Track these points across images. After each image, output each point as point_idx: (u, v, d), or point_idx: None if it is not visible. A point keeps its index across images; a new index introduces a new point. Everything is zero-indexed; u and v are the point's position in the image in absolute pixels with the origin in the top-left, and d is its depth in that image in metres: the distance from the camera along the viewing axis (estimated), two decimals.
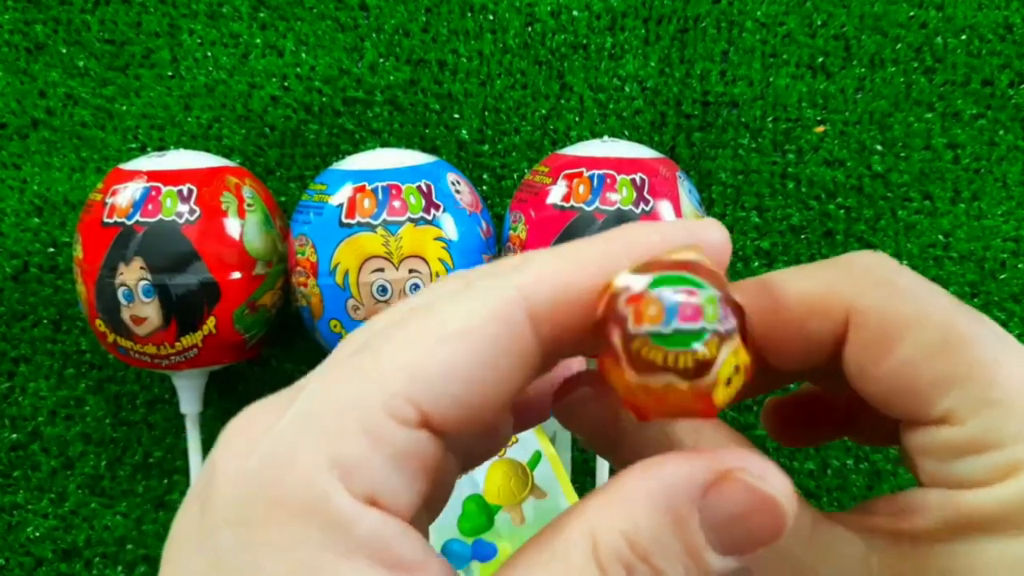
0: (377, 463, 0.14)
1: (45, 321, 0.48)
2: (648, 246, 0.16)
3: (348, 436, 0.14)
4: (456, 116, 0.48)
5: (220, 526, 0.14)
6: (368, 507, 0.14)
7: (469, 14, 0.49)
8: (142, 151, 0.49)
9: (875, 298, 0.17)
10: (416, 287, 0.38)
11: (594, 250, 0.16)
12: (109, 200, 0.39)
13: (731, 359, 0.14)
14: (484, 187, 0.48)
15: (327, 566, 0.14)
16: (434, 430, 0.15)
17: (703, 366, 0.14)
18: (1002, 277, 0.46)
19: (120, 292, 0.39)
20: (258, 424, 0.15)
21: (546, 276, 0.16)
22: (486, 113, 0.48)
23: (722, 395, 0.14)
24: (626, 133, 0.48)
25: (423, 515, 0.17)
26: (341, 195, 0.39)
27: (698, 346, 0.14)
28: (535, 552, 0.15)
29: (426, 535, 0.17)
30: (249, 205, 0.41)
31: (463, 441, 0.17)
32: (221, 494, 0.15)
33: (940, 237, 0.46)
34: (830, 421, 0.22)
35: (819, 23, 0.48)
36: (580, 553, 0.14)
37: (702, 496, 0.15)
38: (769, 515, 0.15)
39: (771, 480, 0.15)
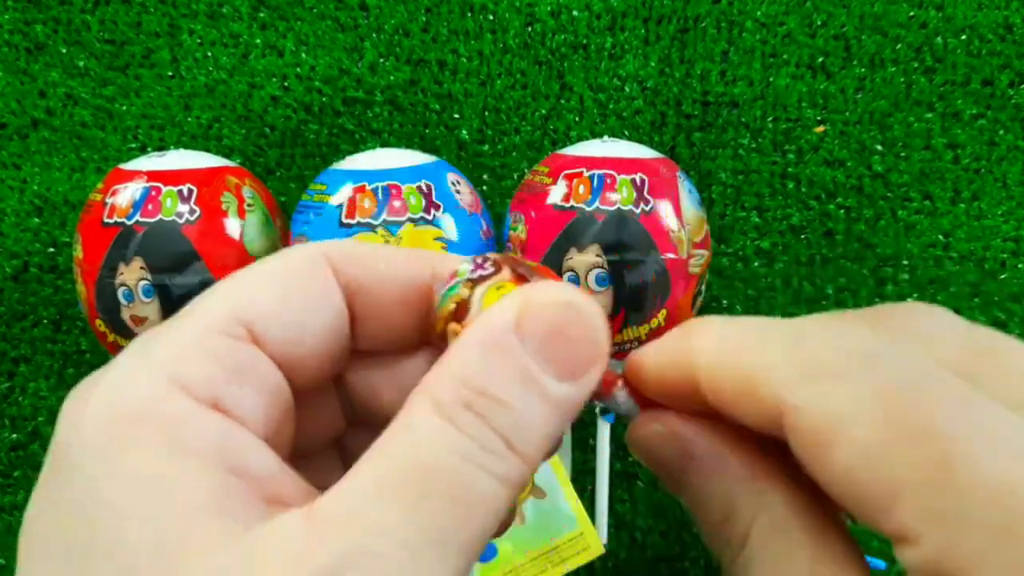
0: (215, 372, 0.15)
1: (45, 321, 0.48)
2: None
3: (183, 353, 0.16)
4: (456, 116, 0.48)
5: (72, 454, 0.15)
6: (210, 410, 0.15)
7: (469, 14, 0.49)
8: (142, 151, 0.49)
9: (802, 396, 0.15)
10: None
11: (399, 250, 0.19)
12: (109, 200, 0.39)
13: (492, 293, 0.17)
14: (484, 187, 0.48)
15: (175, 468, 0.14)
16: (269, 352, 0.17)
17: (462, 306, 0.17)
18: (1002, 277, 0.46)
19: (120, 292, 0.39)
20: (91, 379, 0.16)
21: (350, 246, 0.18)
22: (486, 113, 0.48)
23: None
24: (626, 133, 0.48)
25: (279, 443, 0.17)
26: (341, 195, 0.39)
27: (453, 293, 0.18)
28: (386, 435, 0.15)
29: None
30: (249, 205, 0.41)
31: (299, 376, 0.18)
32: (68, 431, 0.15)
33: (940, 237, 0.46)
34: None
35: (819, 23, 0.48)
36: (421, 412, 0.15)
37: (517, 323, 0.16)
38: (580, 323, 0.16)
39: (568, 292, 0.16)
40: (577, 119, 0.48)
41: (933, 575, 0.13)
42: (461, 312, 0.17)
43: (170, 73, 0.49)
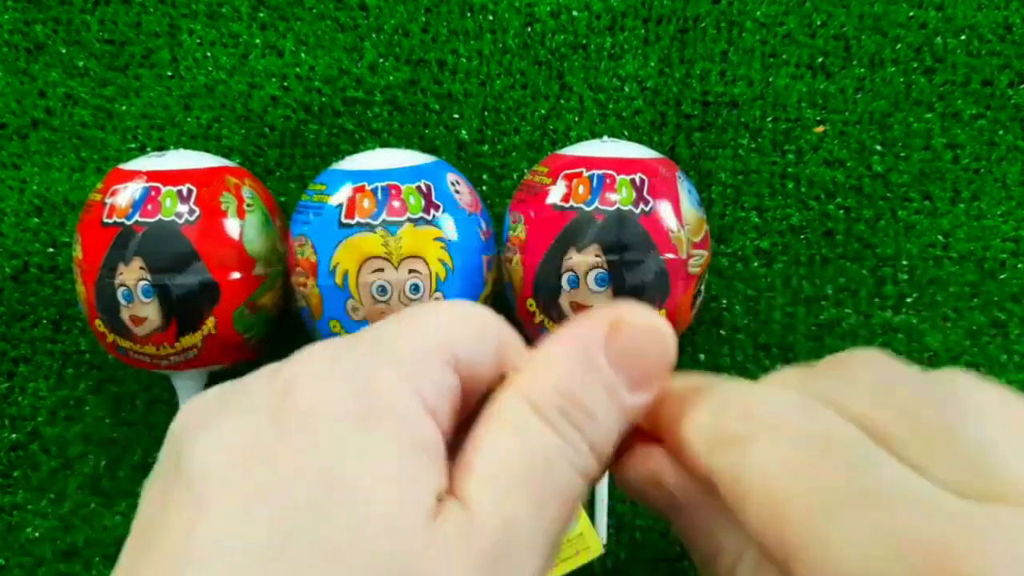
0: (440, 389, 0.18)
1: (45, 321, 0.48)
2: None
3: (419, 368, 0.18)
4: (456, 116, 0.48)
5: (314, 419, 0.17)
6: (431, 418, 0.18)
7: (469, 14, 0.49)
8: (142, 151, 0.49)
9: (715, 464, 0.18)
10: (416, 287, 0.38)
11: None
12: (109, 200, 0.39)
13: None
14: (484, 187, 0.48)
15: (407, 458, 0.17)
16: (458, 378, 0.19)
17: None
18: (1002, 277, 0.46)
19: (120, 292, 0.39)
20: (331, 354, 0.18)
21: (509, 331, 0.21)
22: (486, 113, 0.48)
23: None
24: (626, 133, 0.48)
25: None
26: (340, 195, 0.39)
27: None
28: (484, 436, 0.18)
29: None
30: (249, 205, 0.41)
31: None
32: (309, 396, 0.17)
33: (940, 237, 0.46)
34: None
35: (819, 23, 0.48)
36: (525, 416, 0.18)
37: (606, 343, 0.18)
38: (657, 341, 0.19)
39: (651, 316, 0.19)
40: (577, 119, 0.48)
41: None
42: None
43: (170, 73, 0.49)
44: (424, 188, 0.39)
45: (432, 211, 0.39)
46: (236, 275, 0.40)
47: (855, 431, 0.16)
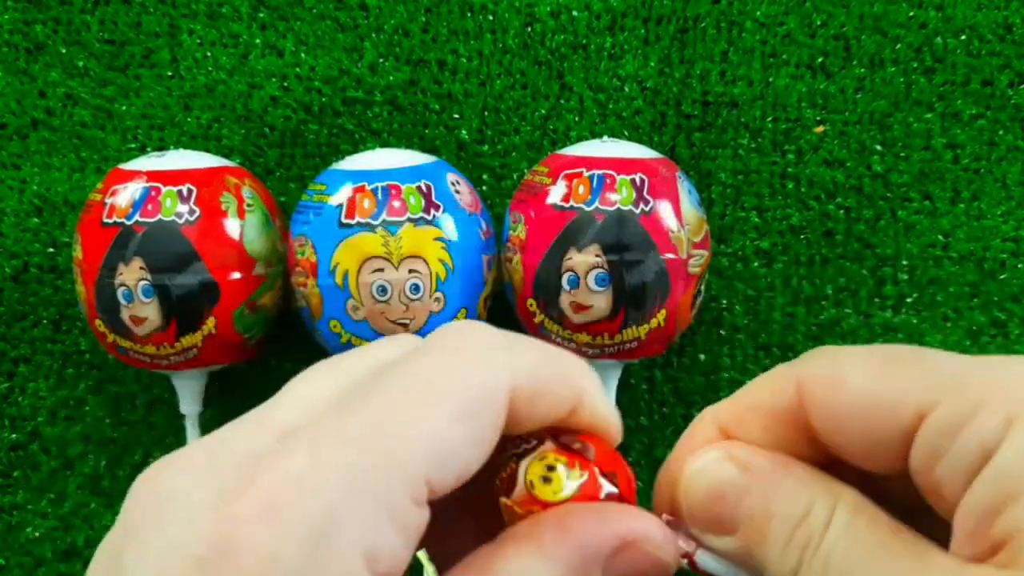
0: (398, 545, 0.15)
1: (45, 321, 0.48)
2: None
3: (381, 523, 0.15)
4: (456, 116, 0.48)
5: None
6: None
7: (469, 14, 0.49)
8: (142, 151, 0.49)
9: (814, 362, 0.18)
10: (416, 287, 0.38)
11: (567, 361, 0.19)
12: (109, 200, 0.39)
13: (535, 467, 0.18)
14: (484, 187, 0.48)
15: None
16: (431, 502, 0.16)
17: (509, 478, 0.18)
18: (1002, 277, 0.46)
19: (120, 292, 0.39)
20: (292, 494, 0.15)
21: (532, 375, 0.17)
22: (486, 113, 0.48)
23: (544, 492, 0.18)
24: (626, 133, 0.48)
25: None
26: (340, 195, 0.39)
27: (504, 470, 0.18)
28: None
29: None
30: (249, 205, 0.41)
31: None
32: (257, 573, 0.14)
33: (940, 237, 0.46)
34: None
35: (819, 23, 0.48)
36: None
37: (608, 559, 0.17)
38: (660, 559, 0.18)
39: (667, 550, 0.18)
40: (577, 119, 0.48)
41: (952, 428, 0.16)
42: (509, 485, 0.18)
43: (170, 73, 0.49)
44: (424, 188, 0.39)
45: (432, 211, 0.39)
46: (236, 275, 0.40)
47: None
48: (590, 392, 0.19)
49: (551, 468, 0.18)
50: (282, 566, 0.14)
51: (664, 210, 0.39)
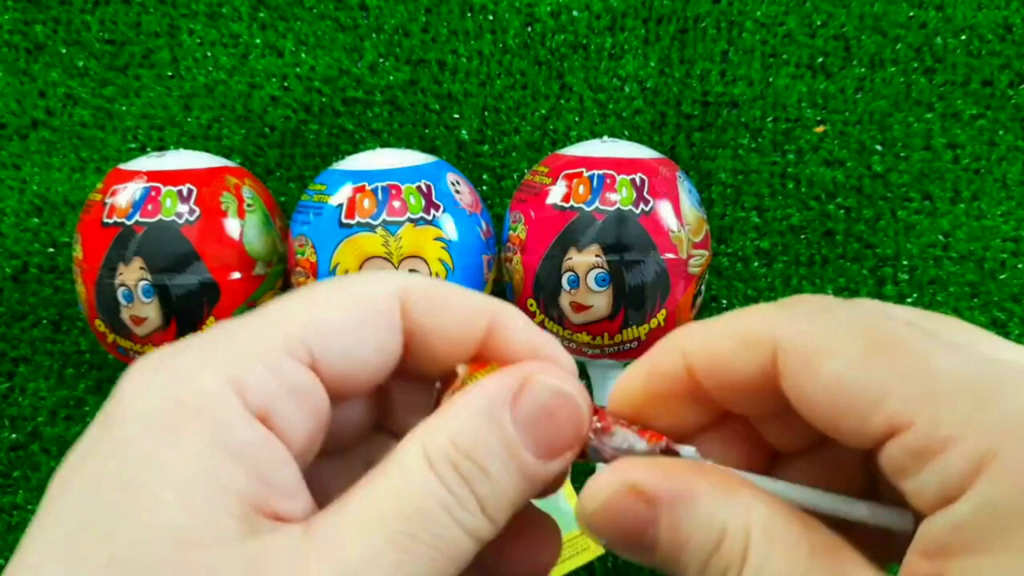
0: (272, 387, 0.17)
1: (45, 321, 0.48)
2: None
3: (247, 362, 0.17)
4: (456, 116, 0.48)
5: (125, 425, 0.16)
6: (256, 421, 0.16)
7: (469, 14, 0.49)
8: (142, 151, 0.49)
9: (793, 331, 0.17)
10: None
11: (467, 295, 0.19)
12: (109, 200, 0.39)
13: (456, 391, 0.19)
14: (484, 187, 0.48)
15: (214, 463, 0.16)
16: (321, 377, 0.18)
17: (450, 377, 0.19)
18: (1002, 277, 0.46)
19: (120, 292, 0.39)
20: (165, 352, 0.17)
21: (424, 286, 0.19)
22: (486, 113, 0.48)
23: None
24: (626, 133, 0.48)
25: (308, 455, 0.18)
26: (341, 195, 0.39)
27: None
28: (377, 472, 0.17)
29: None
30: (249, 205, 0.41)
31: (342, 395, 0.19)
32: (126, 402, 0.16)
33: (940, 237, 0.46)
34: None
35: (819, 23, 0.48)
36: (413, 461, 0.17)
37: (513, 400, 0.18)
38: (568, 407, 0.18)
39: (566, 381, 0.18)
40: (577, 119, 0.48)
41: (920, 454, 0.15)
42: (448, 382, 0.19)
43: (170, 73, 0.49)
44: (424, 188, 0.39)
45: (432, 211, 0.39)
46: (236, 275, 0.40)
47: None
48: (507, 316, 0.19)
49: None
50: (146, 392, 0.16)
51: (664, 210, 0.39)
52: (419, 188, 0.39)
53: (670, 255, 0.39)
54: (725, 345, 0.18)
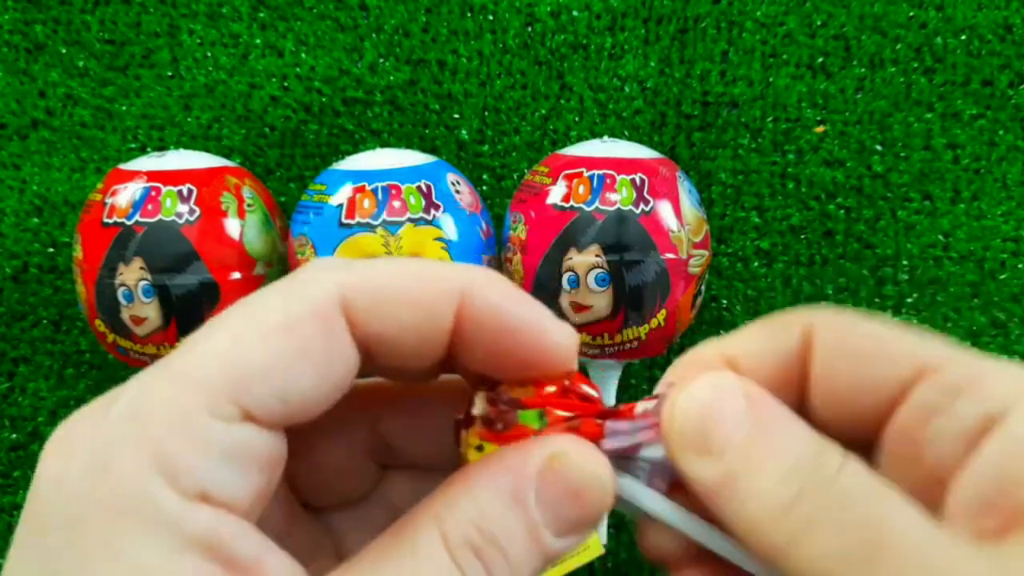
0: (203, 462, 0.15)
1: (45, 321, 0.48)
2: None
3: (171, 437, 0.14)
4: (456, 116, 0.48)
5: (47, 532, 0.14)
6: (198, 504, 0.14)
7: (469, 14, 0.49)
8: (142, 151, 0.49)
9: (828, 313, 0.18)
10: None
11: (420, 267, 0.17)
12: (109, 200, 0.39)
13: (470, 438, 0.18)
14: (484, 187, 0.48)
15: (159, 567, 0.14)
16: (260, 424, 0.15)
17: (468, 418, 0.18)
18: (1002, 277, 0.46)
19: (120, 292, 0.39)
20: (79, 431, 0.15)
21: (368, 282, 0.16)
22: (486, 113, 0.48)
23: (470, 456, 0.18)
24: (626, 133, 0.48)
25: (263, 504, 0.17)
26: (341, 195, 0.39)
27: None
28: (387, 548, 0.16)
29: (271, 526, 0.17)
30: (249, 205, 0.41)
31: (296, 423, 0.17)
32: (44, 500, 0.15)
33: (940, 237, 0.46)
34: None
35: (819, 23, 0.48)
36: (431, 545, 0.15)
37: (539, 478, 0.16)
38: (596, 489, 0.17)
39: (594, 460, 0.17)
40: (577, 119, 0.48)
41: (955, 387, 0.15)
42: (468, 419, 0.18)
43: (170, 73, 0.49)
44: (424, 188, 0.39)
45: (432, 211, 0.39)
46: (236, 275, 0.40)
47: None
48: (478, 284, 0.17)
49: (480, 449, 0.18)
50: (66, 487, 0.14)
51: (664, 210, 0.39)
52: (419, 188, 0.39)
53: (670, 255, 0.39)
54: (757, 335, 0.18)
